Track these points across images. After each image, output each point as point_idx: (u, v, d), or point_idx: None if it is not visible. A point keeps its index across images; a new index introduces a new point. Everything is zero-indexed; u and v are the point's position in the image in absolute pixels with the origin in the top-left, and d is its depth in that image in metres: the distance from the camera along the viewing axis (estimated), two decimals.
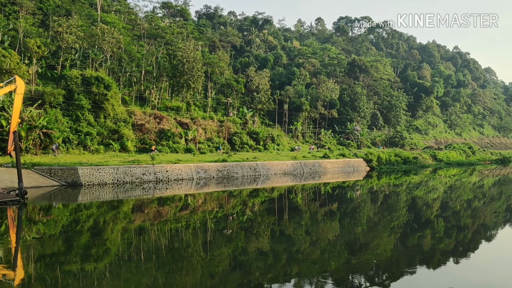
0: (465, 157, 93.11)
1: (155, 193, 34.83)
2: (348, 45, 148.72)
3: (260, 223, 23.65)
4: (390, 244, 19.47)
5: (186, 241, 18.85)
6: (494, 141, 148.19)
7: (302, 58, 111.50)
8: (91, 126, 48.63)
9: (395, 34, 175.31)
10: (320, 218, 25.87)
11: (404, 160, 73.44)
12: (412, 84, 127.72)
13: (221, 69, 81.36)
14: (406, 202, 34.61)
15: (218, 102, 78.21)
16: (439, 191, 41.80)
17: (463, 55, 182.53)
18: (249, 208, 28.91)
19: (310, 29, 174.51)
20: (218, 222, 23.74)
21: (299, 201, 33.25)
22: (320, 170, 57.92)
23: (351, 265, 15.59)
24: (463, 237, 21.32)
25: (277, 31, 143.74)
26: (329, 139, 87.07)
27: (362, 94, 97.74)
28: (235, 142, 64.25)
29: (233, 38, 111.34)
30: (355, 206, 31.48)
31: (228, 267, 15.31)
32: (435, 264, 15.87)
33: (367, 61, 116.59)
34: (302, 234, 21.11)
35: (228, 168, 47.23)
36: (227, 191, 37.89)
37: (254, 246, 18.17)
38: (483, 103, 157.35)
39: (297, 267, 15.31)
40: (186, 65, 62.93)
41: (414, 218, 26.60)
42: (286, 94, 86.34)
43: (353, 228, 23.16)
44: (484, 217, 27.59)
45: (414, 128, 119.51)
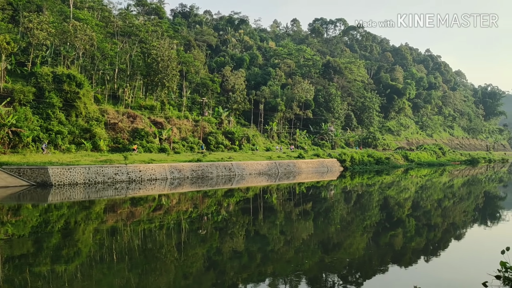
0: (435, 157, 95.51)
1: (128, 193, 34.30)
2: (323, 46, 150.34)
3: (235, 223, 23.60)
4: (363, 243, 19.74)
5: (159, 242, 18.63)
6: (463, 142, 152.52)
7: (277, 58, 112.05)
8: (62, 124, 47.50)
9: (369, 36, 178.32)
10: (294, 218, 26.01)
11: (377, 160, 74.73)
12: (385, 86, 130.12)
13: (196, 68, 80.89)
14: (378, 201, 35.18)
15: (193, 102, 77.75)
16: (410, 191, 42.67)
17: (435, 58, 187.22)
18: (224, 208, 28.82)
19: (286, 30, 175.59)
20: (192, 223, 23.57)
21: (274, 201, 33.36)
22: (295, 170, 58.29)
23: (324, 264, 15.73)
24: (433, 236, 21.81)
25: (253, 31, 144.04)
26: (304, 140, 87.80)
27: (336, 95, 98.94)
28: (210, 142, 64.00)
29: (208, 37, 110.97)
30: (329, 206, 31.80)
31: (202, 268, 15.21)
32: (406, 262, 16.19)
33: (341, 62, 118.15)
34: (276, 234, 21.17)
35: (202, 168, 46.98)
36: (202, 191, 37.67)
37: (229, 246, 18.12)
38: (453, 105, 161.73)
39: (272, 267, 15.35)
40: (161, 63, 62.28)
41: (386, 218, 27.07)
42: (262, 94, 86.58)
43: (327, 227, 23.39)
44: (454, 216, 28.31)
45: (387, 129, 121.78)
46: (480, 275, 12.61)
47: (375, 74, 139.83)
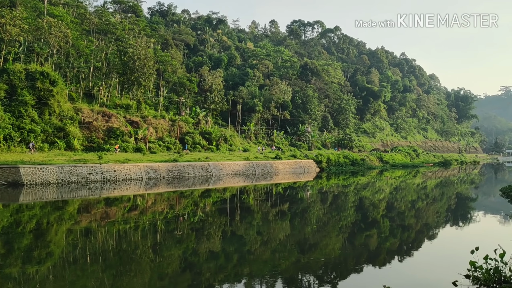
0: (409, 159, 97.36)
1: (102, 193, 33.73)
2: (300, 48, 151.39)
3: (211, 224, 23.49)
4: (339, 243, 19.93)
5: (134, 243, 18.37)
6: (437, 144, 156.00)
7: (256, 59, 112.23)
8: (35, 123, 46.39)
9: (345, 39, 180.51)
10: (271, 219, 26.06)
11: (353, 161, 75.67)
12: (361, 88, 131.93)
13: (173, 68, 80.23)
14: (354, 202, 35.61)
15: (170, 101, 77.09)
16: (385, 192, 43.34)
17: (410, 61, 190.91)
18: (201, 208, 28.66)
19: (264, 31, 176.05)
20: (168, 223, 23.34)
21: (251, 201, 33.36)
22: (272, 171, 58.47)
23: (301, 264, 15.81)
24: (406, 236, 22.20)
25: (231, 31, 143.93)
26: (281, 140, 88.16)
27: (313, 97, 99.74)
28: (187, 142, 63.56)
29: (186, 36, 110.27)
30: (305, 206, 32.00)
31: (178, 269, 15.07)
32: (381, 262, 16.43)
33: (318, 64, 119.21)
34: (253, 235, 21.17)
35: (179, 168, 46.63)
36: (178, 191, 37.37)
37: (205, 247, 18.01)
38: (427, 108, 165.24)
39: (248, 267, 15.34)
40: (137, 62, 61.55)
41: (362, 218, 27.41)
42: (240, 94, 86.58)
43: (303, 228, 23.52)
44: (427, 217, 28.89)
45: (362, 131, 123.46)
46: (450, 275, 12.90)
47: (352, 76, 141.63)
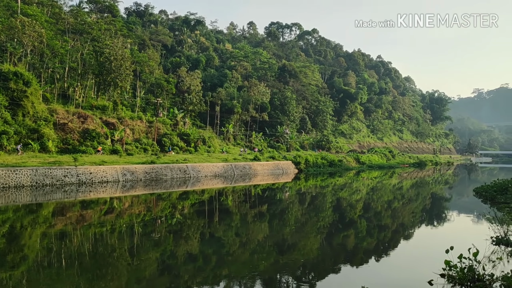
0: (386, 160, 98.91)
1: (77, 196, 33.10)
2: (279, 50, 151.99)
3: (189, 226, 23.32)
4: (317, 243, 20.06)
5: (111, 246, 18.07)
6: (412, 145, 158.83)
7: (234, 60, 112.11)
8: (8, 124, 45.19)
9: (323, 41, 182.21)
10: (250, 220, 26.05)
11: (330, 162, 76.38)
12: (338, 90, 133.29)
13: (151, 68, 79.40)
14: (331, 203, 35.92)
15: (148, 102, 76.26)
16: (362, 193, 43.87)
17: (386, 64, 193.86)
18: (179, 211, 28.42)
19: (242, 33, 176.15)
20: (145, 226, 23.06)
21: (230, 203, 33.28)
22: (251, 172, 58.49)
23: (279, 265, 15.84)
24: (383, 236, 22.51)
25: (209, 32, 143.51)
26: (260, 142, 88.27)
27: (291, 98, 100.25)
28: (165, 143, 62.95)
29: (164, 37, 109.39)
30: (284, 207, 32.11)
31: (156, 271, 14.89)
32: (358, 262, 16.60)
33: (296, 66, 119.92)
34: (232, 236, 21.11)
35: (156, 170, 46.17)
36: (156, 193, 36.98)
37: (183, 250, 17.86)
38: (402, 109, 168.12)
39: (227, 269, 15.28)
40: (114, 62, 60.69)
41: (339, 219, 27.67)
42: (218, 96, 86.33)
43: (282, 228, 23.58)
44: (403, 217, 29.37)
45: (340, 132, 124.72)
46: (426, 274, 13.13)
47: (329, 78, 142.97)
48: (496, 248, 16.67)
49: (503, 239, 17.36)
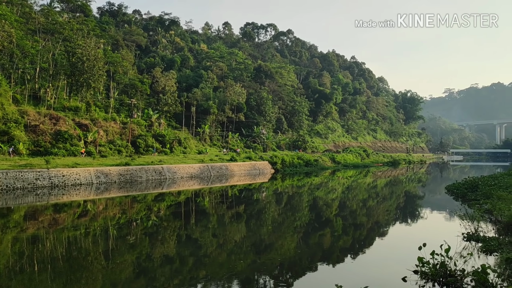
0: (360, 159, 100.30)
1: (50, 199, 32.32)
2: (254, 50, 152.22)
3: (166, 228, 23.08)
4: (294, 243, 20.16)
5: (85, 250, 17.70)
6: (386, 145, 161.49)
7: (209, 61, 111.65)
8: None
9: (298, 42, 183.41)
10: (227, 221, 25.97)
11: (306, 162, 76.94)
12: (313, 91, 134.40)
13: (124, 69, 78.28)
14: (308, 202, 36.17)
15: (121, 103, 75.13)
16: (337, 192, 44.35)
17: (359, 64, 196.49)
18: (154, 213, 28.09)
19: (217, 33, 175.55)
20: (120, 229, 22.69)
21: (206, 204, 33.11)
22: (227, 173, 58.36)
23: (257, 265, 15.84)
24: (359, 234, 22.80)
25: (184, 32, 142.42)
26: (237, 142, 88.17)
27: (267, 99, 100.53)
28: (140, 145, 62.14)
29: (138, 37, 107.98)
30: (261, 208, 32.14)
31: (132, 275, 14.67)
32: (334, 260, 16.77)
33: (272, 67, 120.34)
34: (209, 237, 21.00)
35: (131, 172, 45.54)
36: (131, 196, 36.45)
37: (160, 252, 17.66)
38: (376, 109, 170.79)
39: (204, 271, 15.18)
40: (86, 63, 59.59)
41: (316, 218, 27.88)
42: (194, 96, 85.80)
43: (259, 229, 23.60)
44: (377, 215, 29.83)
45: (315, 132, 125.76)
46: (400, 271, 13.36)
47: (304, 79, 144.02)
48: (467, 244, 17.11)
49: (473, 235, 17.83)
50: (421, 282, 12.45)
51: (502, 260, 13.50)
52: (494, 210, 21.22)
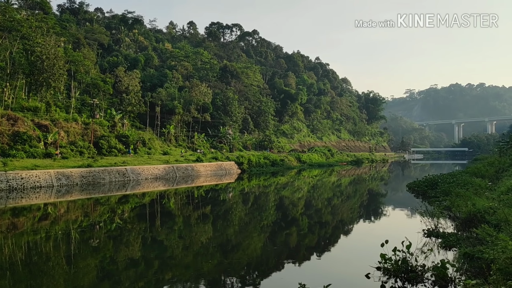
0: (325, 159, 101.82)
1: (8, 202, 31.07)
2: (220, 50, 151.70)
3: (130, 231, 22.66)
4: (260, 242, 20.24)
5: (46, 254, 17.14)
6: (349, 144, 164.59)
7: (174, 60, 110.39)
8: None
9: (263, 43, 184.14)
10: (193, 222, 25.78)
11: (272, 162, 77.37)
12: (279, 91, 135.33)
13: (86, 68, 76.16)
14: (274, 202, 36.40)
15: (83, 103, 73.12)
16: (303, 191, 44.85)
17: (324, 65, 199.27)
18: (118, 215, 27.52)
19: (182, 32, 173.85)
20: (83, 232, 22.11)
21: (172, 205, 32.73)
22: (193, 174, 57.90)
23: (223, 266, 15.80)
24: (324, 232, 23.16)
25: (148, 31, 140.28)
26: (203, 143, 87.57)
27: (234, 99, 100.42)
28: (102, 146, 60.59)
29: (100, 36, 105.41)
30: (227, 208, 32.09)
31: (95, 279, 14.31)
32: (301, 259, 16.95)
33: (238, 67, 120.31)
34: (175, 239, 20.78)
35: (94, 173, 44.45)
36: (93, 198, 35.56)
37: (124, 255, 17.32)
38: (340, 110, 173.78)
39: (170, 273, 15.00)
40: (46, 62, 57.69)
41: (282, 217, 28.10)
42: (158, 96, 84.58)
43: (225, 229, 23.55)
44: (342, 213, 30.38)
45: (281, 132, 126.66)
46: (364, 268, 13.65)
47: (270, 79, 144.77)
48: (427, 240, 17.68)
49: (433, 231, 18.45)
50: (383, 278, 12.76)
51: (460, 255, 14.03)
52: (452, 206, 22.01)
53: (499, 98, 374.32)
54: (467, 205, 19.80)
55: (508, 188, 22.06)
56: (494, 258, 10.39)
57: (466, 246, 14.52)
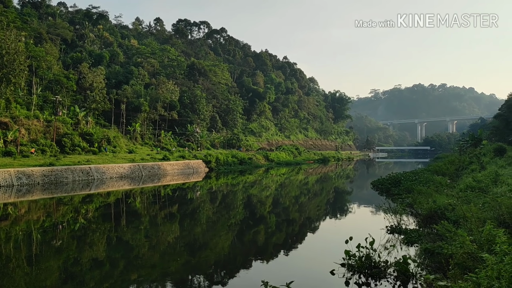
0: (293, 157, 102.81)
1: None
2: (187, 48, 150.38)
3: (95, 231, 22.18)
4: (228, 241, 20.25)
5: (6, 256, 16.54)
6: (316, 143, 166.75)
7: (140, 57, 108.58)
8: None
9: (232, 41, 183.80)
10: (160, 221, 25.50)
11: (240, 161, 77.45)
12: (247, 90, 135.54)
13: (48, 64, 73.87)
14: (242, 200, 36.46)
15: (45, 100, 70.91)
16: (271, 189, 45.13)
17: (291, 65, 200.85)
18: (82, 215, 26.88)
19: (149, 29, 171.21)
20: (45, 233, 21.47)
21: (138, 205, 32.24)
22: (160, 173, 57.22)
23: (191, 265, 15.73)
24: (291, 230, 23.41)
25: (113, 27, 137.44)
26: (170, 141, 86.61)
27: (201, 97, 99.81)
28: (66, 144, 58.98)
29: (63, 31, 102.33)
30: (195, 207, 31.90)
31: (58, 281, 13.95)
32: (268, 257, 17.07)
33: (206, 65, 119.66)
34: (141, 239, 20.49)
35: (56, 172, 43.21)
36: (56, 197, 34.58)
37: (88, 256, 16.95)
38: (307, 109, 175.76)
39: (136, 273, 14.80)
40: (6, 57, 55.58)
41: (250, 215, 28.20)
42: (124, 93, 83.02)
43: (193, 228, 23.42)
44: (309, 211, 30.78)
45: (250, 131, 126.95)
46: (329, 264, 13.89)
47: (238, 78, 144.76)
48: (390, 236, 18.17)
49: (396, 228, 18.97)
50: (348, 275, 13.02)
51: (421, 250, 14.52)
52: (414, 204, 22.71)
53: (459, 98, 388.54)
54: (428, 202, 20.47)
55: (467, 186, 22.96)
56: (452, 253, 10.81)
57: (427, 242, 15.02)
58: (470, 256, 10.04)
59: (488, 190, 19.58)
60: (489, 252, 8.92)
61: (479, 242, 10.44)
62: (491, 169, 26.82)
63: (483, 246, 10.03)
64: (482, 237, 10.37)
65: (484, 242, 10.15)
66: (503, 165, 31.24)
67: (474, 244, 10.40)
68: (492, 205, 14.05)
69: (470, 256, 10.04)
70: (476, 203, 16.11)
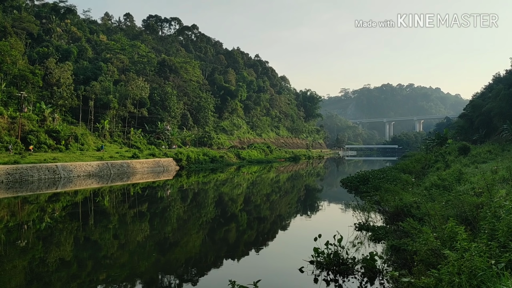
0: (264, 155, 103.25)
1: None
2: (158, 44, 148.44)
3: (61, 230, 21.70)
4: (199, 240, 20.21)
5: None
6: (288, 141, 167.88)
7: (110, 53, 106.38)
8: None
9: (203, 38, 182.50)
10: (129, 220, 25.17)
11: (212, 159, 77.22)
12: (219, 87, 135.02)
13: (13, 58, 71.49)
14: (213, 198, 36.39)
15: (10, 96, 68.54)
16: (242, 187, 45.22)
17: (263, 63, 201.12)
18: (48, 214, 26.22)
19: (118, 24, 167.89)
20: (9, 233, 20.84)
21: (106, 204, 31.70)
22: (129, 171, 56.41)
23: (161, 265, 15.63)
24: (262, 228, 23.55)
25: (81, 22, 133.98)
26: (139, 139, 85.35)
27: (172, 94, 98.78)
28: (31, 141, 57.31)
29: (29, 25, 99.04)
30: (165, 206, 31.64)
31: (23, 281, 13.59)
32: (239, 255, 17.14)
33: (177, 61, 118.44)
34: (109, 239, 20.18)
35: (21, 171, 41.98)
36: (20, 196, 33.59)
37: (55, 256, 16.58)
38: (279, 107, 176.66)
39: (105, 273, 14.59)
40: None
41: (221, 213, 28.20)
42: (92, 90, 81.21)
43: (163, 227, 23.23)
44: (280, 209, 31.03)
45: (221, 129, 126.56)
46: (298, 262, 14.08)
47: (210, 75, 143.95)
48: (358, 233, 18.55)
49: (364, 225, 19.39)
50: (316, 272, 13.23)
51: (388, 247, 14.91)
52: (382, 201, 23.25)
53: (426, 98, 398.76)
54: (394, 199, 21.01)
55: (432, 184, 23.67)
56: (417, 250, 11.17)
57: (393, 239, 15.43)
58: (433, 252, 10.40)
59: (452, 188, 20.24)
60: (451, 249, 9.26)
61: (442, 239, 10.81)
62: (455, 168, 27.70)
63: (445, 243, 10.40)
64: (445, 234, 10.74)
65: (447, 239, 10.52)
66: (466, 164, 32.35)
67: (438, 240, 10.76)
68: (455, 203, 14.54)
69: (433, 252, 10.40)
70: (440, 201, 16.63)
